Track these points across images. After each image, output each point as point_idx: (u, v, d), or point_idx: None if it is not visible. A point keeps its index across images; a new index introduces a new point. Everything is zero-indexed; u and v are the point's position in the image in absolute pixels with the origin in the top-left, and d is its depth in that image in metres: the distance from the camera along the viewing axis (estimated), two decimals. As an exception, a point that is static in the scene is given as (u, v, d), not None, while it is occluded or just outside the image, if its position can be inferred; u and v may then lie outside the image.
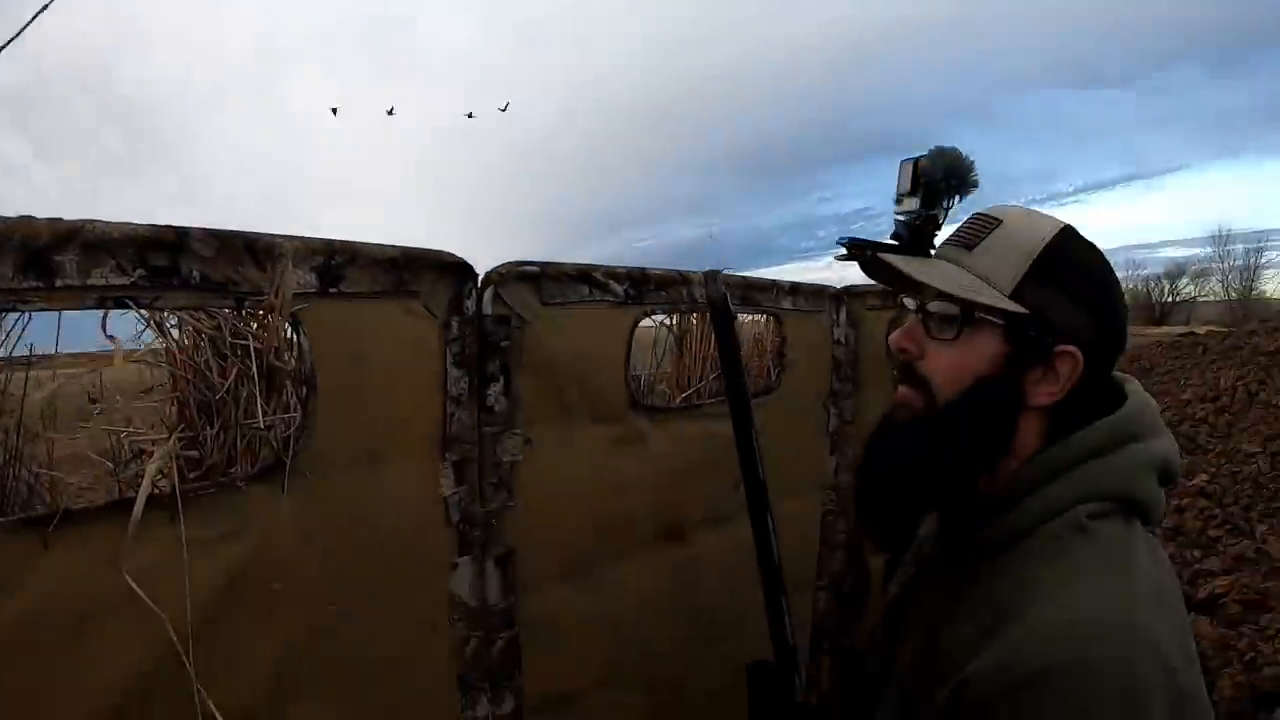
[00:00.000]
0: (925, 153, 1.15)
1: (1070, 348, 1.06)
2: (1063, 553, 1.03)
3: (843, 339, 2.44)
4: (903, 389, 1.16)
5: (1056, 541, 1.04)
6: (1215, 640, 3.13)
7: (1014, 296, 1.06)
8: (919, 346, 1.13)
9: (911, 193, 1.15)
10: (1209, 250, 43.01)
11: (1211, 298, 42.27)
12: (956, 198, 1.16)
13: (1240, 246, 40.80)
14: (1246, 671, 2.90)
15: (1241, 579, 3.47)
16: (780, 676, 1.41)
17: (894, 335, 1.16)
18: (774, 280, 2.18)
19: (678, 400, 2.11)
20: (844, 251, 1.18)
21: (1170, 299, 44.28)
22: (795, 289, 2.25)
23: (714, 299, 1.43)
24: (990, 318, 1.07)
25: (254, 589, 1.30)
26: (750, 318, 2.25)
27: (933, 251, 1.17)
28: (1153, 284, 45.27)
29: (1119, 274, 1.18)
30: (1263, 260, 40.52)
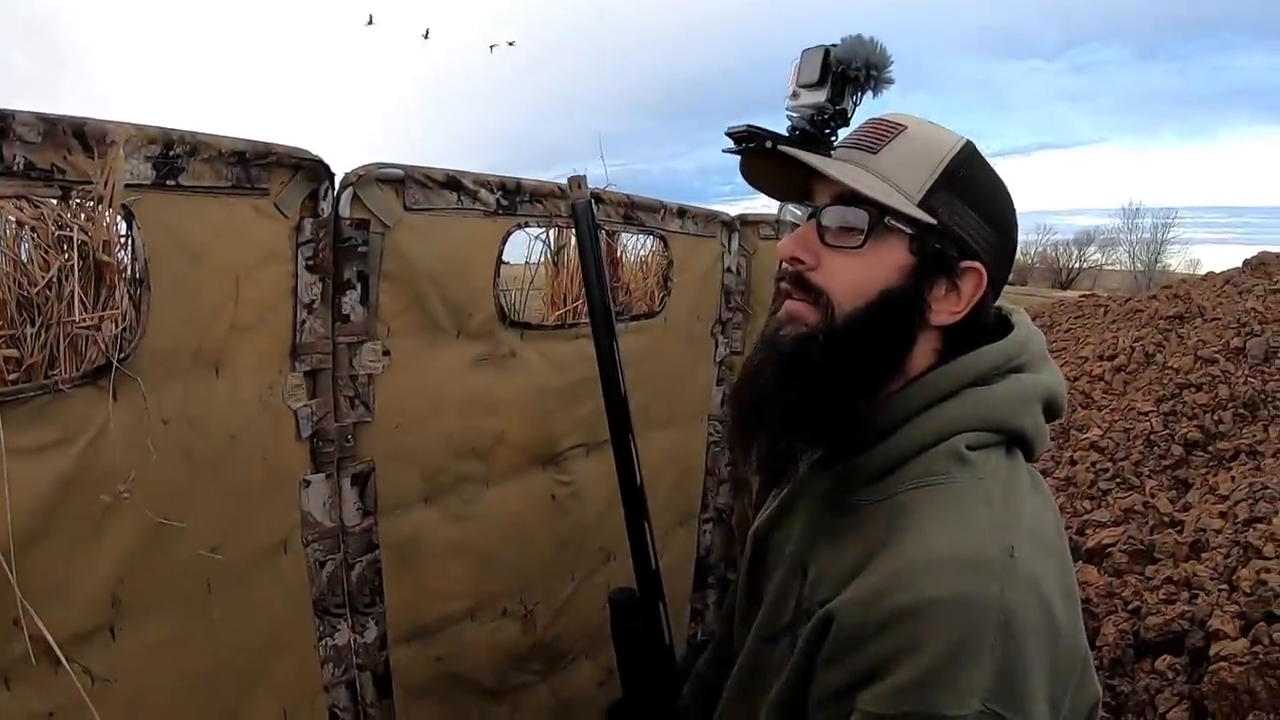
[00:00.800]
0: (836, 42, 1.06)
1: (976, 264, 1.01)
2: (941, 483, 0.98)
3: (734, 267, 2.40)
4: (793, 303, 1.05)
5: (935, 471, 0.99)
6: (1101, 588, 3.18)
7: (921, 206, 1.00)
8: (814, 255, 1.04)
9: (818, 84, 1.05)
10: (1119, 222, 44.08)
11: (1118, 267, 43.29)
12: (870, 93, 1.08)
13: (1149, 220, 41.96)
14: (1131, 619, 2.95)
15: (1129, 531, 3.53)
16: (644, 606, 1.37)
17: (783, 243, 1.07)
18: (661, 200, 2.12)
19: (551, 319, 2.05)
20: (732, 144, 1.07)
21: (1078, 265, 45.32)
22: (684, 211, 2.19)
23: (577, 205, 1.36)
24: (900, 226, 0.99)
25: (82, 501, 1.21)
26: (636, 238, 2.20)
27: (831, 154, 1.07)
28: (1061, 249, 46.33)
29: (1030, 238, 1.10)
30: (1169, 235, 41.77)
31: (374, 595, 1.69)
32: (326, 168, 1.46)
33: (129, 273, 1.26)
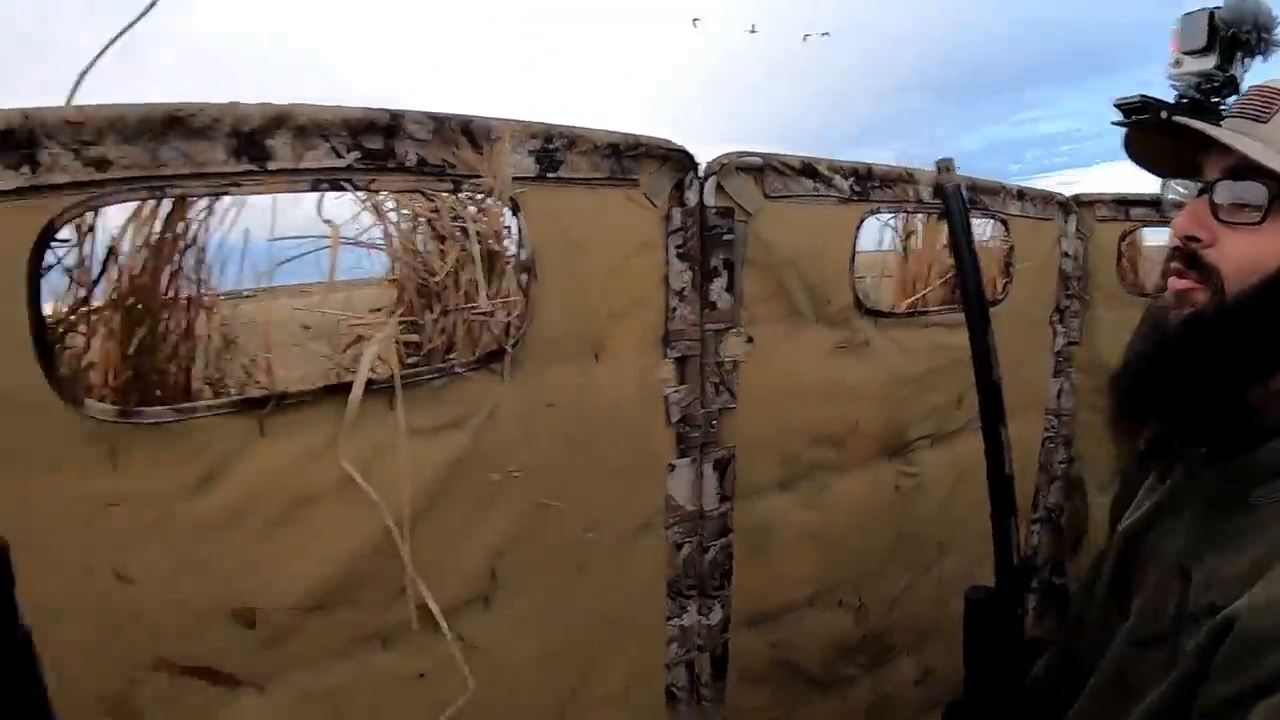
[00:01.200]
0: (1219, 4, 0.98)
1: None
2: None
3: (1071, 251, 2.29)
4: (1181, 281, 0.98)
5: None
6: None
7: None
8: (1210, 232, 0.96)
9: (1205, 50, 0.98)
10: None
11: None
12: (1259, 57, 0.99)
13: None
14: None
15: None
16: (1002, 605, 1.30)
17: (1178, 220, 0.99)
18: (1001, 182, 2.04)
19: (902, 307, 2.01)
20: (1120, 115, 1.01)
21: None
22: (1022, 194, 2.11)
23: (947, 189, 1.31)
24: None
25: (472, 479, 1.28)
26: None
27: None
28: None
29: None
30: None
31: (723, 579, 1.70)
32: (691, 158, 1.47)
33: (516, 261, 1.31)
